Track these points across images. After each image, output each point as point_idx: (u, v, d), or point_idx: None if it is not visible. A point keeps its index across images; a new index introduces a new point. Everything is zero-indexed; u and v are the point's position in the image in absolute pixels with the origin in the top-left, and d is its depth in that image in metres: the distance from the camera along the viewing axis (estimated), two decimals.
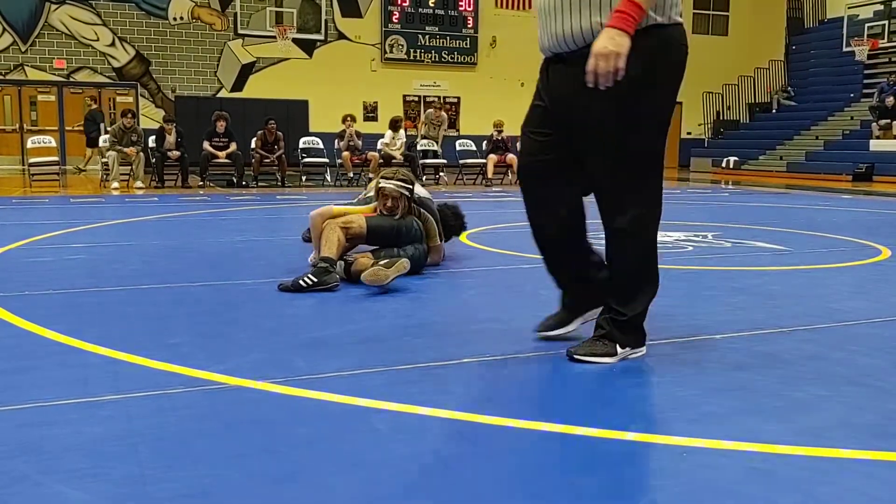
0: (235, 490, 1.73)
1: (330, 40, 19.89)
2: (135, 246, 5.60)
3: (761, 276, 4.60)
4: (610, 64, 2.36)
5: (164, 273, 4.47)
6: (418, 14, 20.25)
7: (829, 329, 3.29)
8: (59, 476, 1.78)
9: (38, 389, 2.38)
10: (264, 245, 5.74)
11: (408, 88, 20.66)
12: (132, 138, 11.92)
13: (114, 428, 2.08)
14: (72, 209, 8.84)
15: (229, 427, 2.10)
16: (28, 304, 3.56)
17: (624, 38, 2.36)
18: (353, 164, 13.31)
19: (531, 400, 2.35)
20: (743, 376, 2.60)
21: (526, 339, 3.04)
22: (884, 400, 2.37)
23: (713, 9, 24.02)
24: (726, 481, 1.80)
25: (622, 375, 2.59)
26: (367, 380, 2.52)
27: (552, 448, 1.99)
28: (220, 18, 19.12)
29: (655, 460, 1.93)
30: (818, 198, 11.87)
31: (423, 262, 4.55)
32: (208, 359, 2.72)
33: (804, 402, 2.35)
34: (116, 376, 2.53)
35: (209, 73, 19.11)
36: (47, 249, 5.35)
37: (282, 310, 3.56)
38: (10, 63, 17.62)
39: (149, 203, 9.51)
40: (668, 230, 6.94)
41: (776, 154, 19.79)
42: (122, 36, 18.36)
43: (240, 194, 11.09)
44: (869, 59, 20.26)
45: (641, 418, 2.20)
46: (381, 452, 1.94)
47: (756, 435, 2.07)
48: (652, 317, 3.48)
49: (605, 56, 2.36)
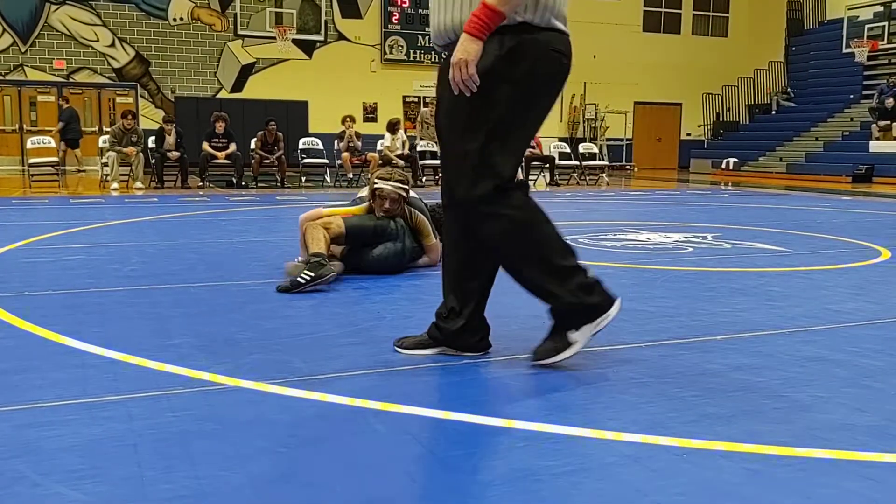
0: (235, 491, 1.73)
1: (330, 41, 19.90)
2: (134, 246, 5.60)
3: (761, 278, 4.60)
4: (462, 72, 2.38)
5: (163, 274, 4.47)
6: (418, 15, 20.25)
7: (829, 330, 3.29)
8: (57, 477, 1.78)
9: (37, 390, 2.38)
10: (264, 246, 5.73)
11: (407, 89, 20.67)
12: (132, 139, 11.92)
13: (113, 429, 2.07)
14: (71, 210, 8.83)
15: (229, 428, 2.10)
16: (27, 305, 3.56)
17: (473, 43, 2.37)
18: (353, 165, 13.32)
19: (531, 400, 2.34)
20: (742, 377, 2.60)
21: (525, 339, 3.03)
22: (884, 402, 2.37)
23: (713, 10, 24.04)
24: (726, 483, 1.80)
25: (621, 376, 2.59)
26: (367, 381, 2.52)
27: (552, 449, 1.99)
28: (219, 19, 19.13)
29: (655, 461, 1.93)
30: (818, 199, 11.88)
31: (402, 260, 4.50)
32: (208, 360, 2.72)
33: (804, 404, 2.35)
34: (116, 377, 2.52)
35: (209, 73, 19.11)
36: (47, 250, 5.34)
37: (281, 310, 3.56)
38: (10, 63, 17.63)
39: (148, 204, 9.50)
40: (668, 231, 6.95)
41: (776, 155, 19.81)
42: (121, 36, 18.37)
43: (239, 195, 11.09)
44: (869, 60, 20.28)
45: (640, 419, 2.20)
46: (381, 453, 1.94)
47: (756, 436, 2.07)
48: (651, 318, 3.49)
49: (456, 65, 2.39)
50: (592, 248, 5.78)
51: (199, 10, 18.95)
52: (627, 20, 22.48)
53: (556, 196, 12.09)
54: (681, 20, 23.64)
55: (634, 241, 6.22)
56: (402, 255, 4.50)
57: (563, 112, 21.88)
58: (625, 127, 22.22)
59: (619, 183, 16.10)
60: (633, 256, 5.39)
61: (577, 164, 15.79)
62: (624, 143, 22.13)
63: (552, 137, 19.35)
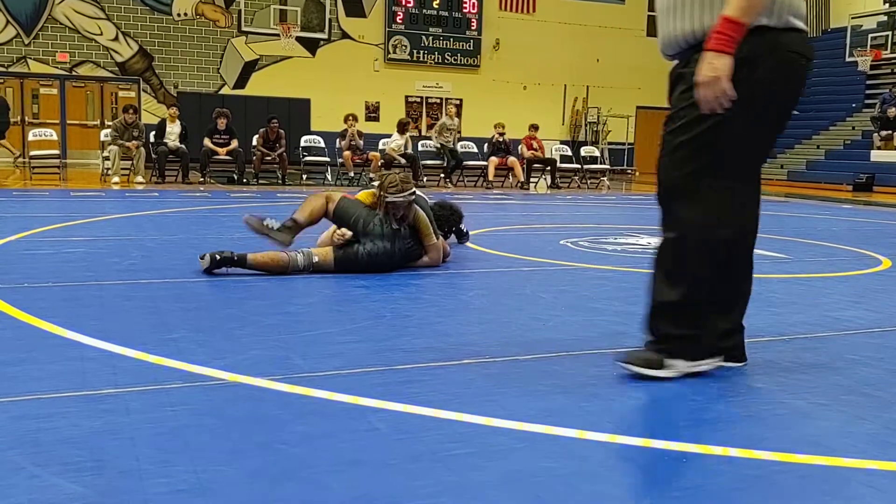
0: (232, 486, 1.72)
1: (333, 39, 19.88)
2: (134, 240, 5.59)
3: (761, 284, 4.58)
4: (714, 90, 2.30)
5: (163, 268, 4.46)
6: (422, 15, 20.24)
7: (829, 338, 3.28)
8: (55, 469, 1.77)
9: (35, 382, 2.37)
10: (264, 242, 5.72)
11: (410, 89, 20.64)
12: (133, 133, 11.92)
13: (111, 422, 2.07)
14: (72, 202, 8.83)
15: (227, 423, 2.09)
16: (27, 297, 3.55)
17: (722, 59, 2.28)
18: (354, 163, 13.31)
19: (530, 401, 2.34)
20: (743, 383, 2.60)
21: (525, 341, 3.03)
22: (883, 410, 2.37)
23: None
24: (725, 488, 1.80)
25: (621, 380, 2.58)
26: (367, 379, 2.51)
27: (552, 450, 1.99)
28: (223, 15, 19.11)
29: (655, 465, 1.93)
30: (818, 207, 11.88)
31: (391, 260, 4.47)
32: (207, 354, 2.71)
33: (804, 411, 2.35)
34: (115, 370, 2.52)
35: (212, 69, 19.09)
36: (47, 242, 5.34)
37: (281, 307, 3.55)
38: (13, 56, 17.59)
39: (149, 198, 9.49)
40: None
41: (777, 162, 19.80)
42: (125, 31, 18.34)
43: (240, 191, 11.08)
44: (871, 69, 20.28)
45: (641, 423, 2.20)
46: (380, 452, 1.94)
47: (756, 442, 2.06)
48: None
49: (705, 84, 2.31)
50: (593, 252, 5.77)
51: (203, 5, 18.93)
52: (631, 24, 22.46)
53: (556, 199, 12.09)
54: None
55: (635, 245, 6.22)
56: (392, 255, 4.47)
57: (565, 115, 21.90)
58: (627, 131, 22.19)
59: (620, 187, 16.10)
60: (633, 260, 5.39)
61: (579, 168, 15.79)
62: (626, 147, 22.12)
63: (554, 140, 19.35)
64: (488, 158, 14.18)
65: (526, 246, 6.01)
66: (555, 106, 21.41)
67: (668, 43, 2.59)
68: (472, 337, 3.11)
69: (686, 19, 2.47)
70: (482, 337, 3.11)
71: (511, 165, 14.06)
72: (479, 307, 3.75)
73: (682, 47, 2.53)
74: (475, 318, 3.50)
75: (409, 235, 4.55)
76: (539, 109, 19.83)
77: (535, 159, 14.44)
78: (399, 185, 4.45)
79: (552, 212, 9.97)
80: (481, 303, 3.88)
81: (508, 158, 14.05)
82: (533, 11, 20.91)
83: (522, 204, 11.19)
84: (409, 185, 4.51)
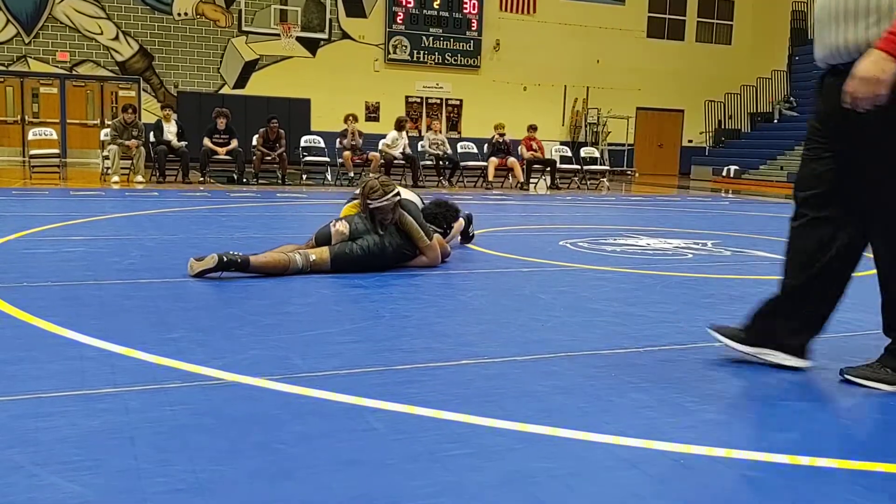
0: (231, 486, 1.73)
1: (334, 39, 19.88)
2: (134, 240, 5.59)
3: (760, 285, 4.59)
4: (869, 89, 2.21)
5: (163, 267, 4.46)
6: (422, 15, 20.24)
7: (827, 340, 3.28)
8: (53, 468, 1.77)
9: (34, 381, 2.37)
10: (264, 242, 5.72)
11: (410, 90, 20.66)
12: (133, 133, 11.92)
13: (110, 421, 2.07)
14: (71, 202, 8.82)
15: (226, 423, 2.09)
16: (26, 296, 3.55)
17: (890, 63, 2.18)
18: (354, 163, 13.31)
19: (529, 402, 2.34)
20: (741, 384, 2.60)
21: (524, 341, 3.03)
22: (880, 412, 2.37)
23: (717, 18, 24.05)
24: (722, 489, 1.80)
25: (619, 380, 2.58)
26: (365, 379, 2.51)
27: (550, 451, 1.99)
28: (224, 15, 19.12)
29: (653, 466, 1.93)
30: None
31: (386, 253, 4.50)
32: (206, 354, 2.71)
33: (802, 412, 2.35)
34: (113, 369, 2.52)
35: (212, 69, 19.09)
36: (47, 241, 5.34)
37: (281, 307, 3.55)
38: (14, 55, 17.60)
39: (149, 197, 9.49)
40: (667, 237, 6.95)
41: (777, 164, 19.81)
42: (126, 30, 18.35)
43: (240, 191, 11.08)
44: None
45: (639, 424, 2.20)
46: (379, 452, 1.94)
47: (753, 443, 2.07)
48: (650, 323, 3.49)
49: (865, 80, 2.22)
50: (592, 253, 5.78)
51: (203, 5, 18.94)
52: (632, 26, 22.47)
53: (556, 199, 12.09)
54: (685, 27, 23.64)
55: (634, 247, 6.22)
56: (384, 248, 4.50)
57: (564, 116, 21.90)
58: (626, 132, 22.19)
59: (619, 188, 16.10)
60: (632, 261, 5.39)
61: (579, 168, 15.78)
62: (625, 148, 22.13)
63: (554, 141, 19.37)
64: (488, 159, 14.18)
65: (525, 246, 6.02)
66: (555, 107, 21.43)
67: (832, 52, 2.44)
68: (470, 337, 3.11)
69: (861, 29, 2.34)
70: (481, 337, 3.12)
71: (511, 166, 14.06)
72: (478, 308, 3.75)
73: (847, 59, 2.39)
74: (474, 318, 3.50)
75: (399, 235, 4.57)
76: (539, 110, 19.84)
77: (534, 160, 14.44)
78: (380, 189, 4.48)
79: (552, 212, 9.97)
80: (480, 303, 3.88)
81: (508, 159, 14.05)
82: (533, 12, 20.92)
83: (522, 205, 11.19)
84: (391, 187, 4.52)
